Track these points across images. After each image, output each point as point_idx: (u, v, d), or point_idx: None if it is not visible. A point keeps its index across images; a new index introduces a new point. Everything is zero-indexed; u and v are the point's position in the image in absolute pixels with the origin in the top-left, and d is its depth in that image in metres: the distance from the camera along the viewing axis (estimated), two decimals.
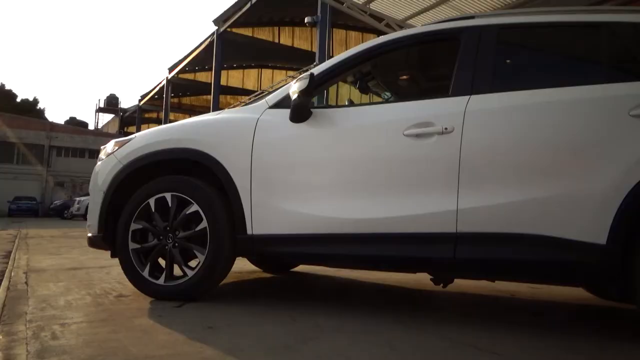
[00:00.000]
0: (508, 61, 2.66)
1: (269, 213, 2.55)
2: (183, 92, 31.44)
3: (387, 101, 3.85)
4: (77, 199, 25.53)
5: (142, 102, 35.45)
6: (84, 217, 18.09)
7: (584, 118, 2.22)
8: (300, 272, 4.24)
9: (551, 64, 2.67)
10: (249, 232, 2.57)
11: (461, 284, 3.60)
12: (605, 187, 2.10)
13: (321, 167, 2.55)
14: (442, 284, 2.72)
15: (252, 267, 4.25)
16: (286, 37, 22.97)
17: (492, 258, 2.25)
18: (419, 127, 2.39)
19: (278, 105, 2.72)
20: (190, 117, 3.67)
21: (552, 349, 2.04)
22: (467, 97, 2.39)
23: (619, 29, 2.40)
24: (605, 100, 2.22)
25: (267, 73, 28.05)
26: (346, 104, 3.41)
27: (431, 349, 1.95)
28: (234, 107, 11.87)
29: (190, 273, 2.64)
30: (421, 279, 3.23)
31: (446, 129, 2.34)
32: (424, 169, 2.37)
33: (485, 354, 1.91)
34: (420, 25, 3.12)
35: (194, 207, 2.65)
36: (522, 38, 2.67)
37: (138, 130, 30.05)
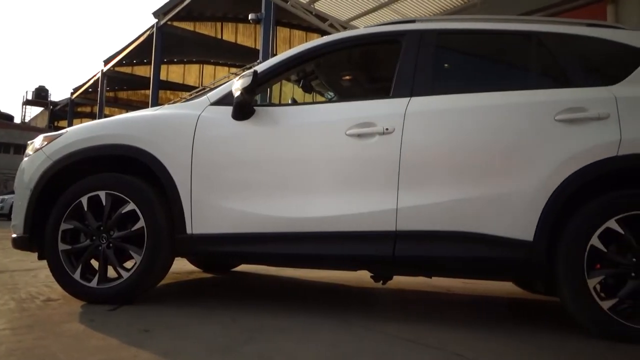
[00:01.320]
0: (446, 65, 2.77)
1: (209, 212, 2.50)
2: (120, 86, 30.09)
3: (330, 101, 3.88)
4: (1, 197, 23.81)
5: (74, 96, 33.60)
6: (8, 217, 16.91)
7: (515, 122, 2.35)
8: (242, 272, 4.18)
9: (486, 69, 2.80)
10: (188, 231, 2.51)
11: (400, 281, 3.70)
12: (533, 187, 2.24)
13: (263, 166, 2.53)
14: (381, 281, 2.78)
15: (192, 267, 4.15)
16: (229, 33, 22.56)
17: (430, 255, 2.33)
18: (361, 127, 2.43)
19: (220, 102, 2.67)
20: (127, 112, 3.53)
21: (487, 340, 2.13)
22: (408, 99, 2.46)
23: (546, 39, 2.56)
24: (534, 105, 2.36)
25: (209, 69, 27.42)
26: (289, 102, 3.41)
27: (372, 345, 1.99)
28: (174, 103, 11.52)
29: (125, 274, 2.53)
30: (362, 277, 3.29)
31: (387, 129, 2.39)
32: (365, 168, 2.41)
33: (424, 347, 1.97)
34: (363, 27, 3.18)
35: (130, 206, 2.55)
36: (459, 43, 2.78)
37: (70, 125, 28.44)
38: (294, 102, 3.42)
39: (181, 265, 4.06)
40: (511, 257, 2.26)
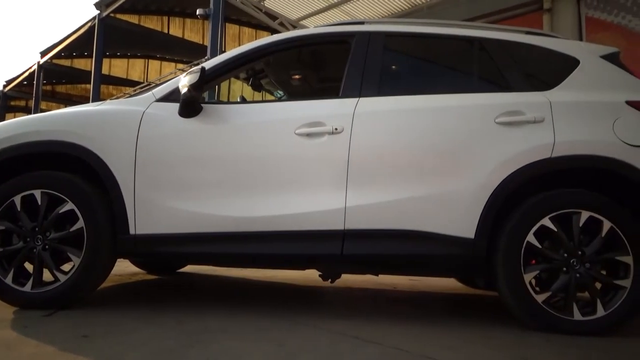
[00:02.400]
0: (394, 67, 2.83)
1: (154, 211, 2.42)
2: (58, 79, 28.48)
3: (279, 100, 3.87)
4: None
5: (7, 88, 31.50)
6: None
7: (457, 123, 2.44)
8: (188, 273, 4.09)
9: (432, 71, 2.88)
10: (131, 231, 2.42)
11: (347, 279, 3.75)
12: (474, 187, 2.33)
13: (211, 164, 2.48)
14: (330, 280, 2.80)
15: (135, 269, 4.01)
16: (176, 28, 21.90)
17: (377, 253, 2.37)
18: (310, 126, 2.44)
19: (166, 98, 2.59)
20: (66, 107, 3.36)
21: (432, 334, 2.20)
22: (357, 99, 2.49)
23: (488, 44, 2.67)
24: (476, 107, 2.46)
25: (154, 64, 26.48)
26: (238, 100, 3.37)
27: (318, 343, 2.00)
28: (117, 98, 11.08)
29: (62, 278, 2.40)
30: (310, 276, 3.30)
31: (336, 129, 2.41)
32: (314, 167, 2.42)
33: (369, 344, 2.01)
34: (313, 27, 3.19)
35: (69, 206, 2.43)
36: (406, 46, 2.85)
37: (2, 119, 26.69)
38: (243, 100, 3.38)
39: (123, 267, 3.93)
40: (454, 254, 2.34)
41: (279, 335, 2.10)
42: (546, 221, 2.30)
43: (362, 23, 2.81)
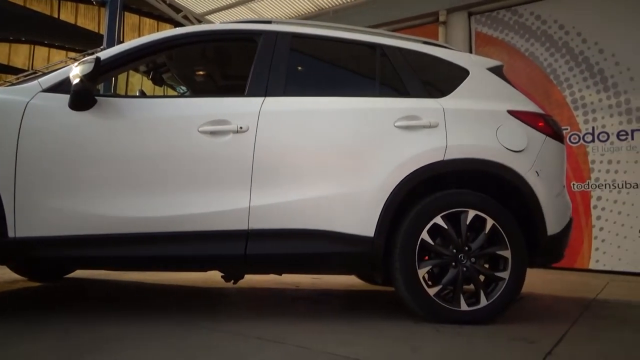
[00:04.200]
0: (300, 68, 2.86)
1: (37, 212, 2.21)
2: None
3: (182, 96, 3.73)
4: None
5: None
6: None
7: (360, 126, 2.53)
8: (77, 278, 3.80)
9: (336, 74, 2.97)
10: (10, 234, 2.19)
11: (250, 279, 3.73)
12: (374, 187, 2.43)
13: (104, 162, 2.32)
14: (232, 281, 2.76)
15: (15, 275, 3.63)
16: (68, 13, 20.24)
17: (280, 253, 2.38)
18: (214, 124, 2.38)
19: (54, 89, 2.38)
20: None
21: (334, 331, 2.25)
22: (262, 98, 2.49)
23: (388, 51, 2.80)
24: (377, 111, 2.57)
25: (41, 51, 24.22)
26: (137, 94, 3.19)
27: (220, 346, 1.96)
28: None
29: None
30: (211, 277, 3.23)
31: (241, 128, 2.39)
32: (218, 166, 2.37)
33: (272, 343, 2.01)
34: (219, 22, 3.12)
35: None
36: (312, 48, 2.90)
37: None
38: (142, 95, 3.21)
39: (0, 274, 3.54)
40: (355, 252, 2.42)
41: (178, 341, 2.02)
42: (438, 219, 2.46)
43: (269, 22, 2.81)
